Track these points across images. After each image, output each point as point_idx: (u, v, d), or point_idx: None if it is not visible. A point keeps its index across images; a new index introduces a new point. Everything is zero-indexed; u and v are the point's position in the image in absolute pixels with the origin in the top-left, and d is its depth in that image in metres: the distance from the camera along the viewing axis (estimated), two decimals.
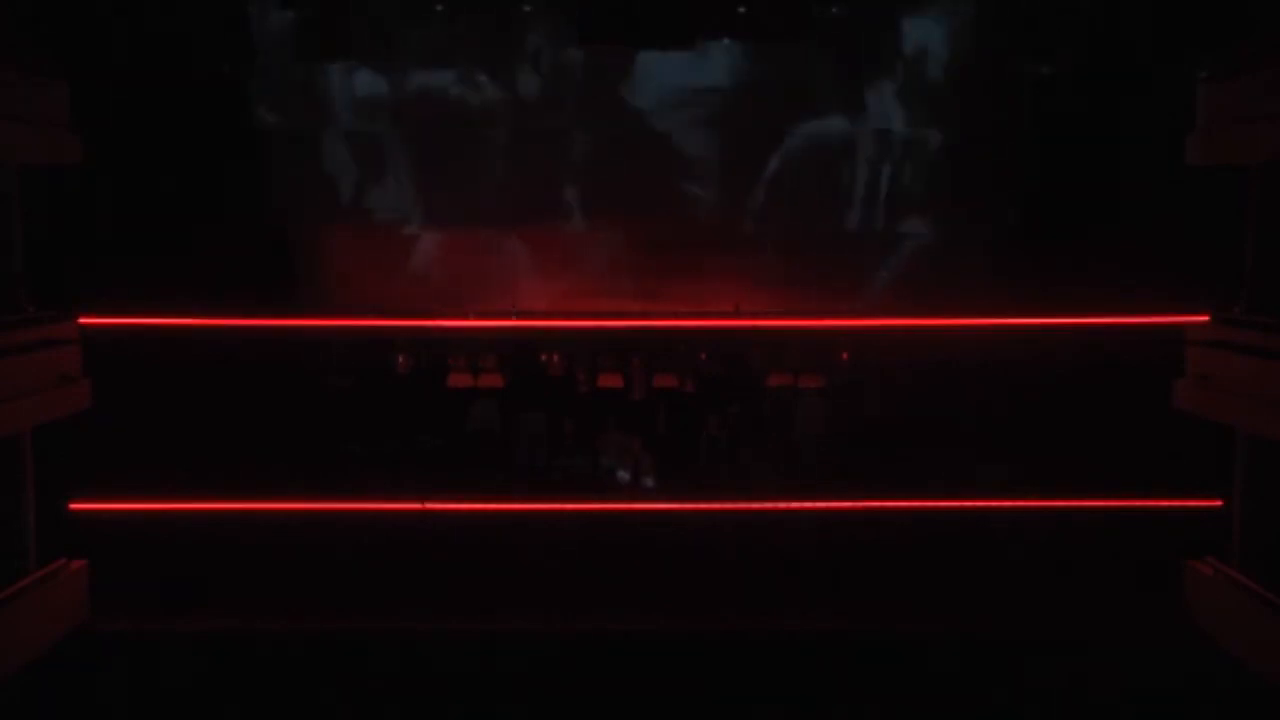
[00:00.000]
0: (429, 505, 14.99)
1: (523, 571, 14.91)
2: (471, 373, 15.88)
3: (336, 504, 14.93)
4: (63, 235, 14.69)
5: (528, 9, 16.23)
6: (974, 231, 16.19)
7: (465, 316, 15.70)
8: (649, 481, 15.74)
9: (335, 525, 14.88)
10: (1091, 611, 14.18)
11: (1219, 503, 14.59)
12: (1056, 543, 14.92)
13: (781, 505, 15.06)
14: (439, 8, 16.15)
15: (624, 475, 15.79)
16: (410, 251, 16.63)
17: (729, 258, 16.53)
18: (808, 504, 15.02)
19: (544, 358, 15.99)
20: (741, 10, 15.81)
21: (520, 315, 15.74)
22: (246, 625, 13.86)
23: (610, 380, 15.98)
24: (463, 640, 13.63)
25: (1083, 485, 14.82)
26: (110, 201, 15.03)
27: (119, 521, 14.64)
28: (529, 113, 16.40)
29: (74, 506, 14.65)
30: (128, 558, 14.43)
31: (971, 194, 16.24)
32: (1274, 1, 13.91)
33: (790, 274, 16.43)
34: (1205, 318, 14.42)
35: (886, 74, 16.39)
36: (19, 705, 12.21)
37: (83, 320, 14.38)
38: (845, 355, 15.97)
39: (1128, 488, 14.77)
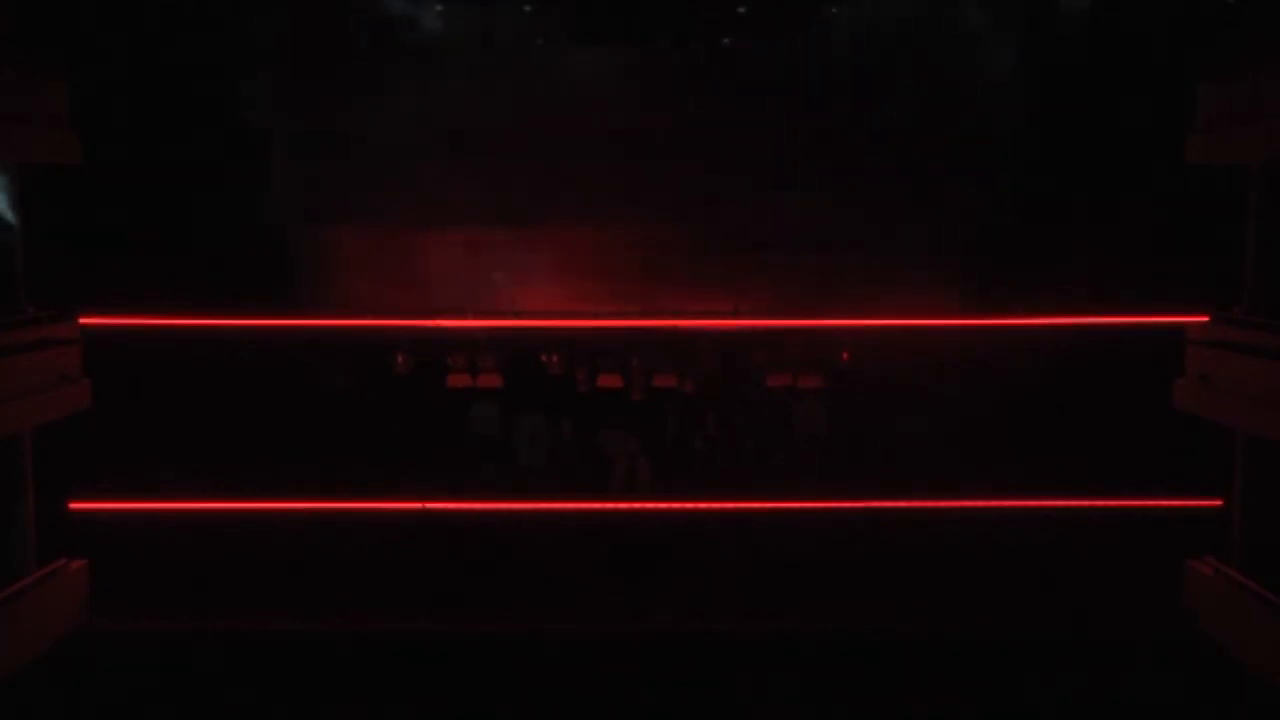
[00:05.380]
0: (429, 505, 14.99)
1: (522, 571, 14.92)
2: (471, 373, 15.86)
3: (336, 504, 14.92)
4: (63, 235, 14.69)
5: (528, 9, 16.24)
6: (973, 231, 16.16)
7: (465, 316, 15.69)
8: (648, 481, 15.73)
9: (335, 525, 14.89)
10: (1092, 611, 14.18)
11: (1219, 503, 14.59)
12: (1057, 543, 14.91)
13: (781, 505, 15.07)
14: (438, 8, 16.18)
15: (622, 474, 15.80)
16: (409, 252, 16.60)
17: (727, 257, 16.51)
18: (808, 504, 15.03)
19: (544, 358, 15.97)
20: (741, 10, 15.84)
21: (520, 315, 15.72)
22: (247, 625, 13.86)
23: (610, 380, 15.96)
24: (462, 640, 13.63)
25: (1083, 485, 14.82)
26: (110, 201, 15.02)
27: (119, 521, 14.65)
28: (529, 113, 16.37)
29: (74, 506, 14.65)
30: (128, 558, 14.43)
31: (971, 194, 16.21)
32: (1273, 2, 13.92)
33: (790, 274, 16.41)
34: (1205, 318, 14.41)
35: (884, 73, 16.37)
36: (19, 705, 12.21)
37: (83, 320, 14.36)
38: (845, 355, 15.95)
39: (1128, 488, 14.77)
